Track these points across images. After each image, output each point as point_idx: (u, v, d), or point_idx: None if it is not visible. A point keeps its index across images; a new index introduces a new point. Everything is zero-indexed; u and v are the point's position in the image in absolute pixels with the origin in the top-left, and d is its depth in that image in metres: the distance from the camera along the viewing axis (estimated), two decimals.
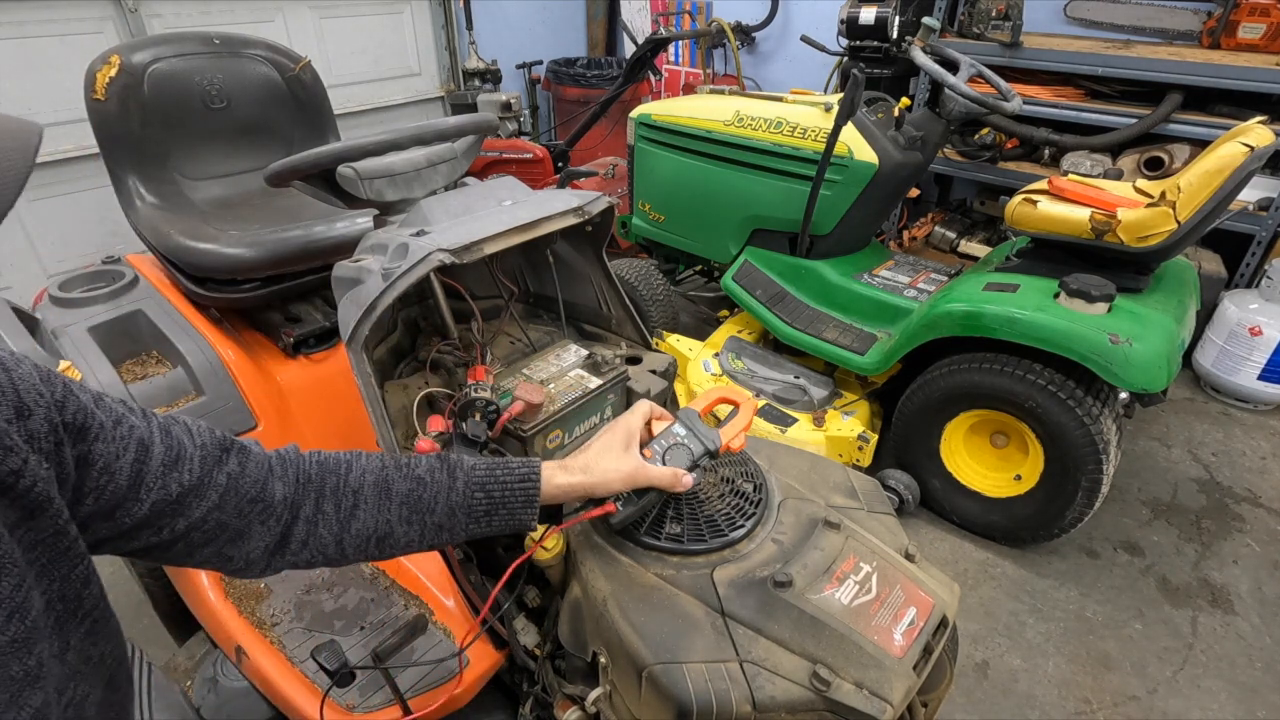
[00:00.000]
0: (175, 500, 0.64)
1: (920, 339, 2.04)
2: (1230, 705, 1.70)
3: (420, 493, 0.77)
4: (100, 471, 0.59)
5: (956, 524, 2.20)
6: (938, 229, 3.48)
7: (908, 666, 0.76)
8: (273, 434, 1.54)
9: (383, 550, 0.78)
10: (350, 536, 0.75)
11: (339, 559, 0.77)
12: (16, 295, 2.86)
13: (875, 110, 2.36)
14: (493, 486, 0.78)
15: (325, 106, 1.92)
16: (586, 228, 1.19)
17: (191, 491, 0.65)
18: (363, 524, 0.75)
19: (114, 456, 0.60)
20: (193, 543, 0.67)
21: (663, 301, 2.77)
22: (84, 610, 0.60)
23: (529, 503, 0.78)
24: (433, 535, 0.78)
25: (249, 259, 1.47)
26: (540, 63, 4.64)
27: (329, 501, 0.75)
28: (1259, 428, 2.69)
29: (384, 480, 0.77)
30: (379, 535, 0.76)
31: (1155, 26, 3.14)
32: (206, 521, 0.67)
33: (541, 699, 0.98)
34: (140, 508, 0.62)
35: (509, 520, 0.79)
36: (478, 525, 0.79)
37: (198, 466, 0.66)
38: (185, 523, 0.65)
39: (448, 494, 0.77)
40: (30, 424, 0.52)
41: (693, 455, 0.81)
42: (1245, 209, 2.74)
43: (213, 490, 0.67)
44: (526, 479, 0.79)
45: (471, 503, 0.78)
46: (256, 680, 1.22)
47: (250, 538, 0.71)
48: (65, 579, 0.57)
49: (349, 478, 0.76)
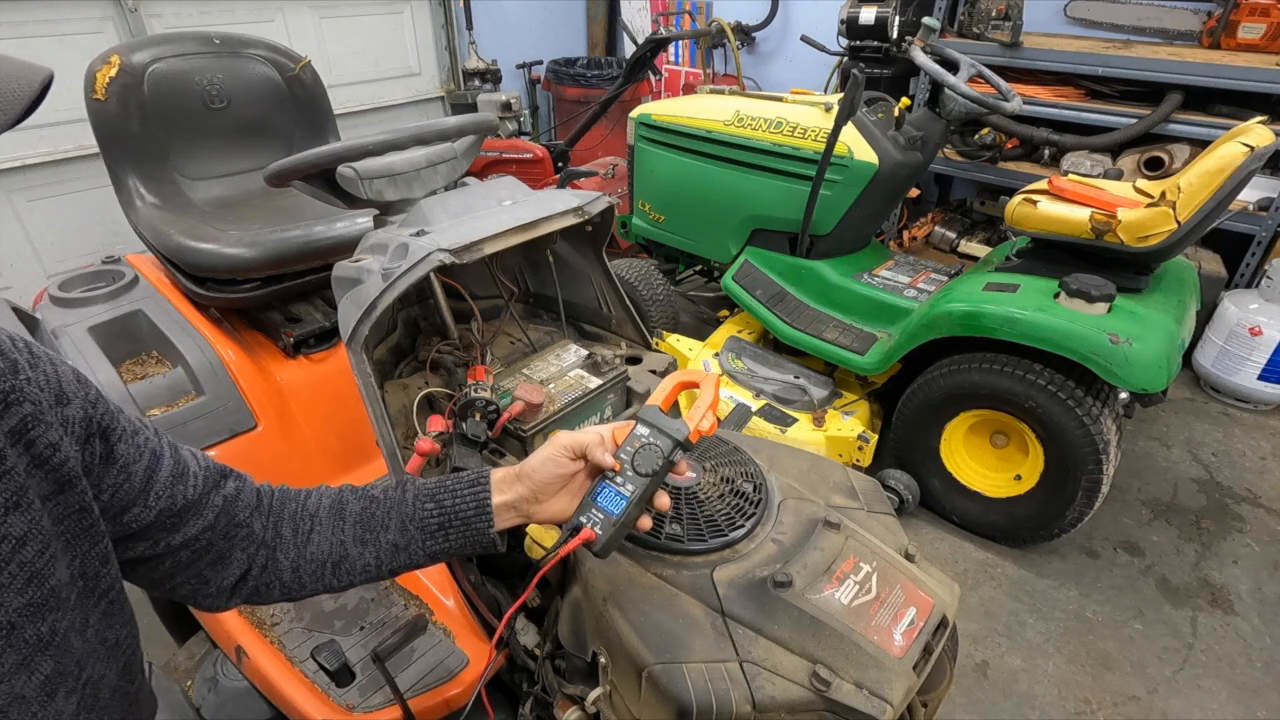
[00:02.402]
0: (177, 512, 0.67)
1: (920, 339, 2.04)
2: (1230, 705, 1.70)
3: (373, 510, 0.76)
4: (119, 470, 0.62)
5: (956, 524, 2.19)
6: (938, 229, 3.48)
7: (908, 666, 0.76)
8: (273, 434, 1.54)
9: (339, 577, 0.76)
10: (305, 561, 0.74)
11: (296, 588, 0.75)
12: (16, 295, 2.86)
13: (875, 110, 2.36)
14: (442, 495, 0.76)
15: (325, 106, 1.92)
16: (586, 228, 1.19)
17: (192, 506, 0.68)
18: (317, 547, 0.74)
19: (131, 460, 0.63)
20: (180, 561, 0.69)
21: (663, 301, 2.77)
22: (102, 589, 0.62)
23: (481, 510, 0.75)
24: (389, 557, 0.76)
25: (249, 259, 1.47)
26: (540, 63, 4.64)
27: (287, 525, 0.75)
28: (1259, 428, 2.69)
29: (339, 502, 0.77)
30: (334, 559, 0.75)
31: (1155, 26, 3.14)
32: (199, 540, 0.69)
33: (541, 699, 0.98)
34: (148, 514, 0.65)
35: (465, 532, 0.76)
36: (434, 541, 0.76)
37: (200, 484, 0.69)
38: (180, 538, 0.68)
39: (399, 508, 0.76)
40: (68, 411, 0.58)
41: (663, 453, 0.73)
42: (1245, 209, 2.74)
43: (210, 510, 0.70)
44: (475, 483, 0.76)
45: (423, 515, 0.75)
46: (256, 680, 1.22)
47: (230, 563, 0.72)
48: (87, 555, 0.60)
49: (307, 503, 0.77)
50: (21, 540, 0.53)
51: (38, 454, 0.55)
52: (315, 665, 1.18)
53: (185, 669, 1.36)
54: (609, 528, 0.71)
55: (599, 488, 0.74)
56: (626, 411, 1.25)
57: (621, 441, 0.76)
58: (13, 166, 2.78)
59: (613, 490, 0.73)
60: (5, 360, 0.54)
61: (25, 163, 2.80)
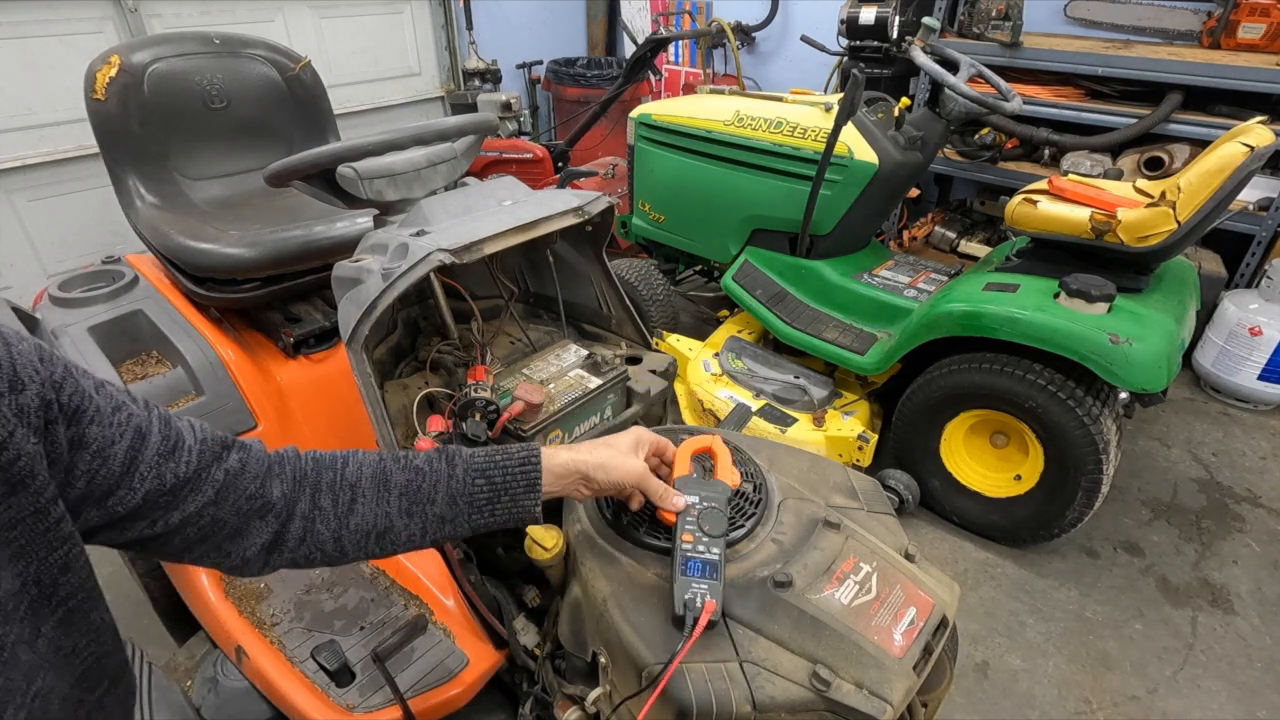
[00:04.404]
0: (169, 491, 0.63)
1: (920, 339, 2.04)
2: (1230, 705, 1.70)
3: (419, 483, 0.75)
4: (94, 455, 0.58)
5: (956, 524, 2.20)
6: (938, 229, 3.48)
7: (908, 666, 0.76)
8: (273, 434, 1.54)
9: (383, 546, 0.76)
10: (349, 532, 0.74)
11: (339, 556, 0.75)
12: (16, 295, 2.86)
13: (875, 110, 2.36)
14: (493, 472, 0.77)
15: (325, 106, 1.92)
16: (586, 228, 1.19)
17: (187, 484, 0.64)
18: (361, 518, 0.74)
19: (109, 441, 0.59)
20: (189, 538, 0.66)
21: (663, 301, 2.77)
22: (59, 598, 0.58)
23: (531, 487, 0.77)
24: (435, 528, 0.76)
25: (249, 259, 1.47)
26: (540, 63, 4.64)
27: (325, 496, 0.73)
28: (1259, 428, 2.69)
29: (382, 473, 0.76)
30: (379, 530, 0.74)
31: (1155, 26, 3.14)
32: (202, 516, 0.66)
33: (541, 699, 0.98)
34: (133, 496, 0.61)
35: (512, 508, 0.77)
36: (480, 515, 0.77)
37: (195, 459, 0.65)
38: (180, 516, 0.64)
39: (448, 482, 0.76)
40: (22, 398, 0.52)
41: (724, 512, 0.80)
42: (1245, 209, 2.74)
43: (209, 485, 0.66)
44: (527, 461, 0.78)
45: (473, 490, 0.76)
46: (256, 680, 1.22)
47: (248, 535, 0.70)
48: (43, 562, 0.56)
49: (345, 472, 0.75)
50: None
51: None
52: (315, 665, 1.18)
53: (185, 669, 1.36)
54: (719, 594, 0.74)
55: (683, 564, 0.76)
56: (627, 412, 1.25)
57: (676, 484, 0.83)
58: (13, 166, 2.78)
59: (698, 561, 0.76)
60: None
61: (25, 163, 2.81)
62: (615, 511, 0.89)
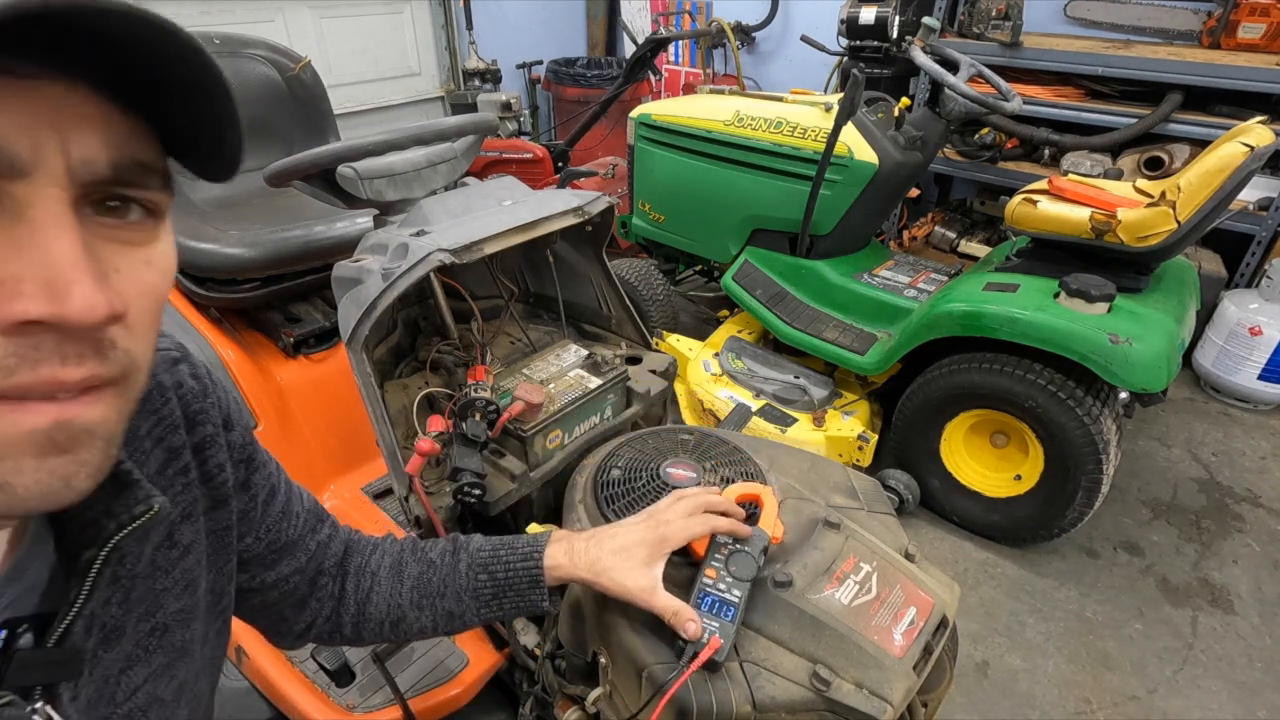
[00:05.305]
0: (278, 549, 0.69)
1: (920, 339, 2.04)
2: (1230, 705, 1.70)
3: (430, 576, 0.77)
4: (249, 498, 0.65)
5: (956, 524, 2.19)
6: (938, 229, 3.47)
7: (908, 666, 0.76)
8: (273, 434, 1.54)
9: (396, 633, 0.78)
10: (365, 620, 0.76)
11: (354, 639, 0.78)
12: None
13: (875, 110, 2.36)
14: (495, 568, 0.76)
15: (325, 106, 1.92)
16: (586, 228, 1.19)
17: (290, 545, 0.70)
18: (375, 607, 0.76)
19: (260, 488, 0.67)
20: (267, 600, 0.71)
21: (663, 301, 2.77)
22: (222, 606, 0.64)
23: (535, 584, 0.76)
24: (445, 622, 0.77)
25: (249, 259, 1.47)
26: (540, 63, 4.64)
27: (351, 581, 0.76)
28: (1259, 428, 2.69)
29: (399, 563, 0.78)
30: (392, 620, 0.76)
31: (1155, 26, 3.13)
32: (289, 581, 0.70)
33: (541, 699, 0.98)
34: (258, 544, 0.67)
35: (519, 603, 0.76)
36: (488, 610, 0.77)
37: (301, 525, 0.71)
38: (274, 575, 0.69)
39: (454, 578, 0.77)
40: (230, 436, 0.62)
41: (756, 560, 0.77)
42: (1245, 209, 2.74)
43: (303, 552, 0.71)
44: (529, 558, 0.76)
45: (477, 586, 0.76)
46: (257, 680, 1.22)
47: (307, 609, 0.74)
48: (220, 571, 0.63)
49: (371, 559, 0.78)
50: (187, 549, 0.57)
51: (207, 471, 0.59)
52: (315, 665, 1.18)
53: None
54: (729, 635, 0.71)
55: (702, 597, 0.74)
56: (627, 412, 1.25)
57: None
58: None
59: (715, 598, 0.74)
60: (199, 383, 0.59)
61: None
62: (616, 512, 0.89)
